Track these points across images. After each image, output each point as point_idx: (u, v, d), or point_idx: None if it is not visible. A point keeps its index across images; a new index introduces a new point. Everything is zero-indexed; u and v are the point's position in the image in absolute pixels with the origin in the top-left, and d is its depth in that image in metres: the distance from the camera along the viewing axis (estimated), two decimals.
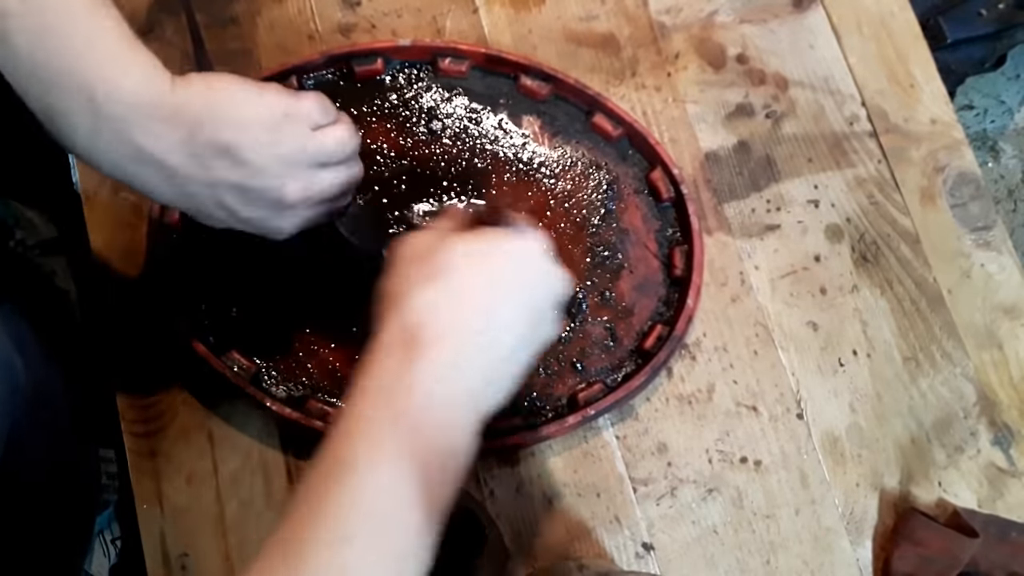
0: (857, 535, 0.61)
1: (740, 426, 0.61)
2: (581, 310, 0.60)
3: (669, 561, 0.58)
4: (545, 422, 0.57)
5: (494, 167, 0.62)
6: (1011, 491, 0.63)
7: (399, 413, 0.36)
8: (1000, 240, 0.68)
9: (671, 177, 0.63)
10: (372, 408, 0.37)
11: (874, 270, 0.66)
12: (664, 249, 0.63)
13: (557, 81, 0.63)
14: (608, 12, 0.69)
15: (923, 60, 0.71)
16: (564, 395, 0.59)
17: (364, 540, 0.33)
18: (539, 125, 0.64)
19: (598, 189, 0.63)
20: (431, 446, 0.36)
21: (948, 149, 0.70)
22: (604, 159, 0.64)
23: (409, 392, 0.37)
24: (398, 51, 0.63)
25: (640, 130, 0.63)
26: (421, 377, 0.37)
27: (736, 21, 0.70)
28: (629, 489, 0.59)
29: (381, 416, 0.36)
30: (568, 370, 0.59)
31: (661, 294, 0.62)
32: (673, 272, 0.62)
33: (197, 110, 0.42)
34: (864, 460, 0.62)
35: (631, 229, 0.63)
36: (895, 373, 0.64)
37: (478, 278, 0.40)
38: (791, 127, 0.68)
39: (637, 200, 0.63)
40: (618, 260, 0.62)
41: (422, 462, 0.36)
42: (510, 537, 0.57)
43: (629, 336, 0.61)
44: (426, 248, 0.41)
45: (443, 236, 0.42)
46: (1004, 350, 0.66)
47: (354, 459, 0.35)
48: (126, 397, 0.58)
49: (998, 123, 1.40)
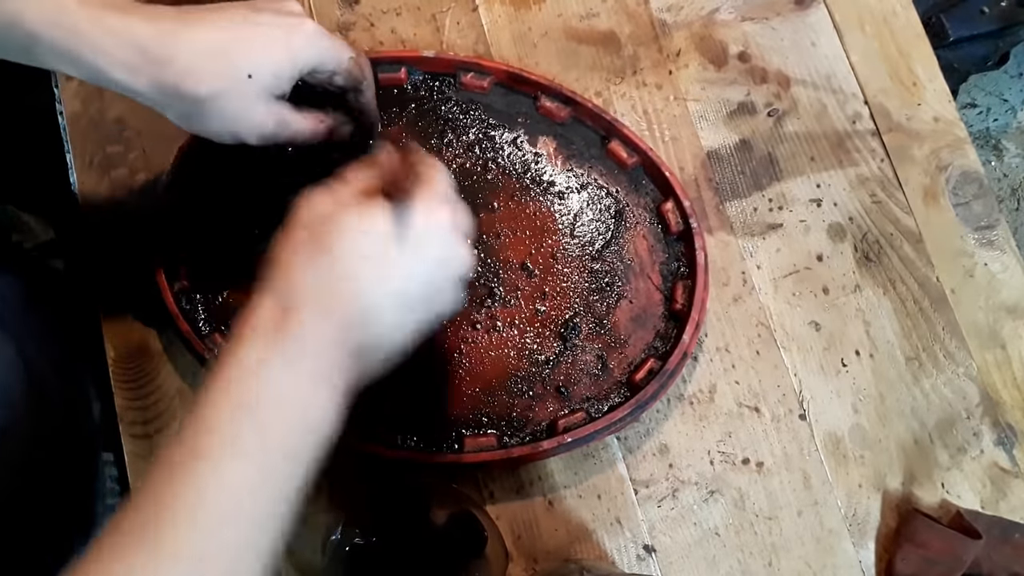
0: (860, 536, 0.60)
1: (742, 427, 0.61)
2: (575, 334, 0.60)
3: (670, 563, 0.58)
4: (519, 444, 0.57)
5: (504, 183, 0.62)
6: (1014, 492, 0.63)
7: (248, 405, 0.36)
8: (1003, 239, 0.68)
9: (682, 210, 0.62)
10: (226, 396, 0.37)
11: (877, 270, 0.66)
12: (667, 283, 0.61)
13: (576, 104, 0.63)
14: (609, 10, 0.69)
15: (926, 58, 0.71)
16: (544, 420, 0.58)
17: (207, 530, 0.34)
18: (555, 146, 0.63)
19: (606, 215, 0.63)
20: (281, 436, 0.36)
21: (951, 148, 0.69)
22: (616, 186, 0.63)
23: (271, 375, 0.37)
24: (422, 62, 0.63)
25: (655, 160, 0.62)
26: (280, 365, 0.37)
27: (738, 19, 0.70)
28: (630, 491, 0.59)
29: (233, 408, 0.36)
30: (552, 394, 0.58)
31: (659, 328, 0.61)
32: (673, 306, 0.60)
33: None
34: (867, 461, 0.62)
35: (636, 259, 0.62)
36: (898, 373, 0.64)
37: (358, 258, 0.40)
38: (793, 125, 0.68)
39: (645, 230, 0.63)
40: (619, 289, 0.61)
41: (269, 453, 0.36)
42: (510, 539, 0.57)
43: (620, 367, 0.59)
44: (320, 217, 0.40)
45: (341, 204, 0.41)
46: (1007, 350, 0.66)
47: (202, 450, 0.35)
48: (124, 398, 0.58)
49: (1001, 121, 1.40)
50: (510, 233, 0.61)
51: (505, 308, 0.60)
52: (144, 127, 0.63)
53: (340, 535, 0.50)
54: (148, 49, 0.43)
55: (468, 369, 0.58)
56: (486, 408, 0.58)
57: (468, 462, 0.55)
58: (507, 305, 0.60)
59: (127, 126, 0.63)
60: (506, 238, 0.61)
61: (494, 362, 0.58)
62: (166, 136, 0.63)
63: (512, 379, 0.58)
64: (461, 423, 0.57)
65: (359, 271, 0.40)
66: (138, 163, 0.63)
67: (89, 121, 0.63)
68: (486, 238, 0.61)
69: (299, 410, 0.37)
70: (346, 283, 0.39)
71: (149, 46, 0.43)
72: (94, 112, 0.63)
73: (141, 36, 0.43)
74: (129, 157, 0.63)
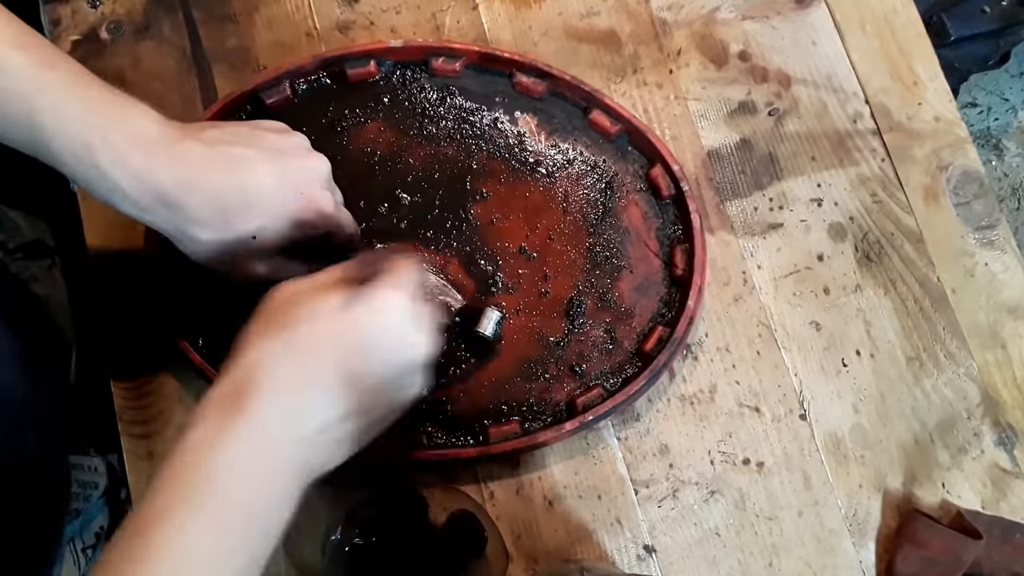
0: (860, 537, 0.60)
1: (742, 427, 0.61)
2: (580, 312, 0.60)
3: (671, 563, 0.58)
4: (542, 428, 0.57)
5: (490, 167, 0.62)
6: (1015, 492, 0.63)
7: (207, 477, 0.36)
8: (1004, 239, 0.68)
9: (671, 174, 0.62)
10: (182, 467, 0.37)
11: (877, 269, 0.66)
12: (665, 248, 0.62)
13: (553, 78, 0.63)
14: (609, 8, 0.69)
15: (926, 57, 0.71)
16: (563, 400, 0.58)
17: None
18: (536, 123, 0.63)
19: (596, 187, 0.62)
20: (238, 510, 0.37)
21: (952, 147, 0.69)
22: (603, 156, 0.63)
23: (218, 459, 0.37)
24: (391, 52, 0.62)
25: (639, 126, 0.62)
26: (234, 442, 0.37)
27: (738, 18, 0.70)
28: (630, 491, 0.59)
29: (190, 477, 0.36)
30: (567, 374, 0.59)
31: (662, 294, 0.61)
32: (674, 272, 0.61)
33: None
34: (867, 461, 0.62)
35: (631, 228, 0.62)
36: (898, 373, 0.64)
37: (318, 337, 0.40)
38: (794, 125, 0.68)
39: (637, 198, 0.63)
40: (618, 260, 0.61)
41: (226, 526, 0.36)
42: (510, 540, 0.57)
43: (629, 338, 0.60)
44: (287, 299, 0.41)
45: (312, 288, 0.42)
46: (1008, 350, 0.66)
47: (163, 514, 0.35)
48: (123, 398, 0.58)
49: (1002, 121, 1.39)
50: (503, 218, 0.61)
51: (509, 295, 0.59)
52: None
53: (340, 535, 0.50)
54: (165, 195, 0.43)
55: (483, 361, 0.58)
56: (505, 396, 0.58)
57: (496, 452, 0.56)
58: (511, 292, 0.60)
59: None
60: (500, 224, 0.61)
61: (506, 350, 0.58)
62: None
63: (526, 364, 0.58)
64: (483, 415, 0.57)
65: (315, 347, 0.40)
66: None
67: None
68: (481, 227, 0.61)
69: (256, 485, 0.37)
70: (301, 358, 0.39)
71: (167, 194, 0.43)
72: None
73: (162, 184, 0.43)
74: None
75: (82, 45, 0.64)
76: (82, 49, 0.64)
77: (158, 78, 0.64)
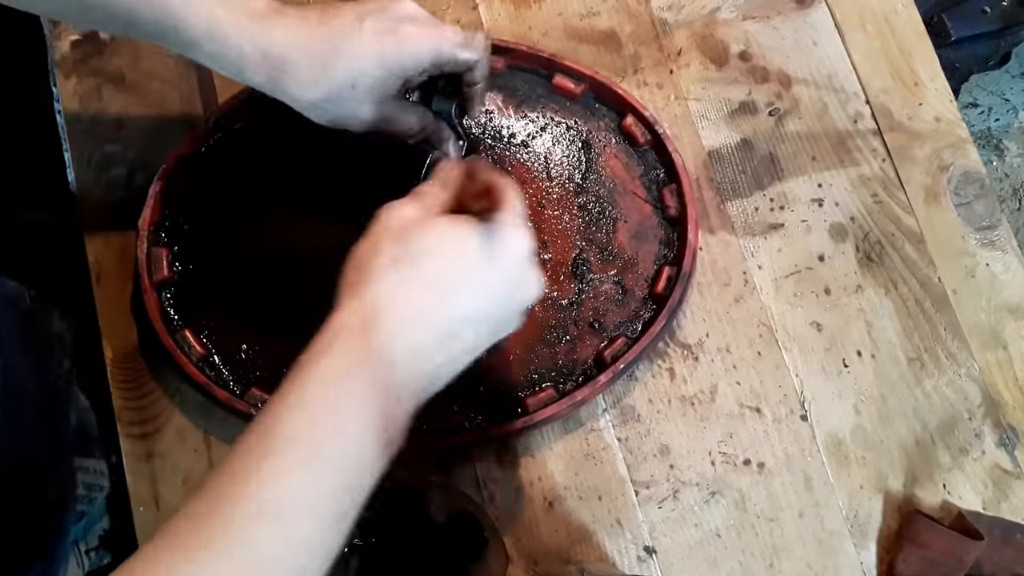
0: (861, 538, 0.60)
1: (743, 428, 0.61)
2: (586, 270, 0.60)
3: (671, 565, 0.58)
4: (576, 387, 0.58)
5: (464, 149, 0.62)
6: (1016, 493, 0.63)
7: (336, 410, 0.36)
8: (1005, 239, 0.68)
9: (643, 121, 0.63)
10: (307, 402, 0.36)
11: (878, 270, 0.65)
12: (653, 192, 0.63)
13: (509, 51, 0.63)
14: (609, 9, 0.69)
15: (927, 58, 0.71)
16: (590, 357, 0.59)
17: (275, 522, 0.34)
18: (502, 98, 0.64)
19: (574, 148, 0.63)
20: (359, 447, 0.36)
21: (952, 147, 0.69)
22: (573, 117, 0.64)
23: (347, 394, 0.36)
24: None
25: (602, 81, 0.63)
26: (361, 379, 0.37)
27: (739, 18, 0.70)
28: (631, 492, 0.59)
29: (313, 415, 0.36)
30: (588, 332, 0.60)
31: (660, 236, 0.62)
32: (667, 212, 0.62)
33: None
34: (868, 462, 0.61)
35: (616, 180, 0.63)
36: (899, 374, 0.64)
37: (448, 271, 0.40)
38: (794, 125, 0.68)
39: (615, 150, 0.64)
40: (611, 213, 0.62)
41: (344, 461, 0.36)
42: (510, 541, 0.57)
43: (639, 285, 0.61)
44: (405, 224, 0.40)
45: (427, 213, 0.41)
46: (1009, 350, 0.65)
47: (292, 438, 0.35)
48: (122, 398, 0.58)
49: (1003, 121, 1.39)
50: None
51: None
52: (142, 126, 0.63)
53: None
54: (274, 58, 0.46)
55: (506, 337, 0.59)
56: (534, 367, 0.59)
57: (538, 420, 0.57)
58: None
59: (125, 125, 0.63)
60: None
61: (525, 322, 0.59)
62: (164, 136, 0.63)
63: (546, 330, 0.60)
64: (517, 388, 0.58)
65: (445, 281, 0.39)
66: (136, 162, 0.62)
67: (87, 120, 0.63)
68: None
69: (379, 421, 0.37)
70: (430, 291, 0.39)
71: (275, 56, 0.46)
72: (92, 111, 0.63)
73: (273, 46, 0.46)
74: (128, 156, 0.63)
75: (82, 45, 0.64)
76: (82, 49, 0.64)
77: (158, 78, 0.64)
